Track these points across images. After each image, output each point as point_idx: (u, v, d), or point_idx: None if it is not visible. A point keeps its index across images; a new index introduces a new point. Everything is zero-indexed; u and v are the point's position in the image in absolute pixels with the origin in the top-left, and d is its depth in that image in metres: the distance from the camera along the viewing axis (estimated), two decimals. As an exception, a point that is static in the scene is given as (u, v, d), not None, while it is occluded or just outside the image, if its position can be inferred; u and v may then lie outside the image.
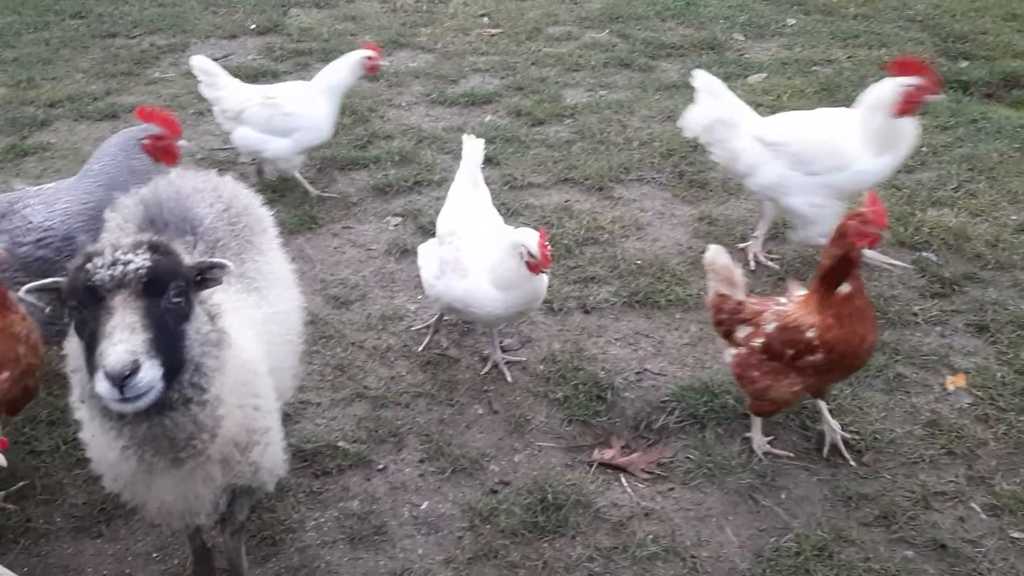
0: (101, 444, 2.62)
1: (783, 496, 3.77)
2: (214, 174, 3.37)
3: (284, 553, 3.55)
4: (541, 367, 4.56)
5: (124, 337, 2.24)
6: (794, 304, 3.74)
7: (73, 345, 2.49)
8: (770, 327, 3.71)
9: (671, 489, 3.84)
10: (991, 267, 5.15)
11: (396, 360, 4.66)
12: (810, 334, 3.59)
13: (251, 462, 2.84)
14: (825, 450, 3.95)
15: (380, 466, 4.00)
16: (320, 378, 4.54)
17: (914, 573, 3.39)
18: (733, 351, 3.86)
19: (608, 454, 4.03)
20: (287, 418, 4.21)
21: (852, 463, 3.89)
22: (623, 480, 3.90)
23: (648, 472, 3.94)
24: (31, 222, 4.02)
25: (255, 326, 2.85)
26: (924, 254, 5.31)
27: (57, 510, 3.73)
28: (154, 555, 3.53)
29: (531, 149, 6.65)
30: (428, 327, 4.76)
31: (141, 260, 2.33)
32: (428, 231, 5.64)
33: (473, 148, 4.60)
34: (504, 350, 4.66)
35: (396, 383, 4.49)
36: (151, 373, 2.27)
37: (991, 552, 3.47)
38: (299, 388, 4.41)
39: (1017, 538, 3.53)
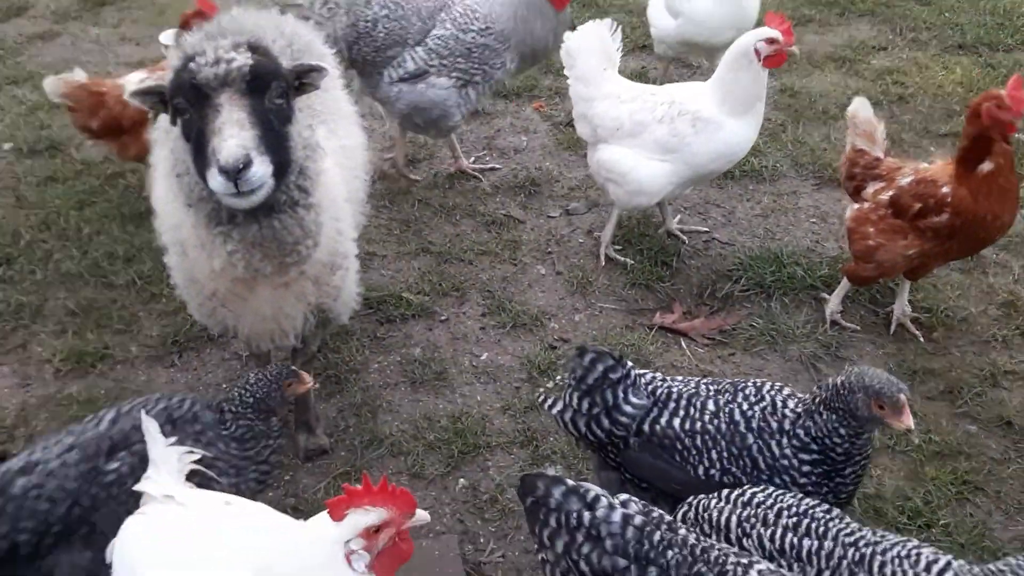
0: (203, 256, 2.62)
1: (846, 367, 3.71)
2: (275, 12, 3.31)
3: (348, 391, 3.65)
4: (607, 231, 4.51)
5: (234, 132, 2.27)
6: (936, 166, 3.62)
7: (179, 148, 2.49)
8: (905, 180, 3.60)
9: (731, 354, 3.82)
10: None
11: (461, 219, 4.66)
12: (944, 190, 3.46)
13: (334, 285, 2.91)
14: (892, 327, 3.88)
15: (442, 317, 4.04)
16: (387, 232, 4.57)
17: (976, 447, 3.35)
18: (855, 206, 3.76)
19: (669, 319, 4.01)
20: (353, 267, 4.28)
21: (920, 339, 3.82)
22: (683, 344, 3.88)
23: (709, 338, 3.91)
24: (478, 12, 4.41)
25: (331, 155, 2.86)
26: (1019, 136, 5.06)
27: (132, 340, 3.87)
28: (223, 385, 3.66)
29: (609, 14, 6.42)
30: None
31: (243, 58, 2.32)
32: (500, 94, 5.56)
33: (599, 32, 4.08)
34: (569, 213, 4.63)
35: (460, 240, 4.50)
36: (262, 168, 2.30)
37: (1058, 432, 3.41)
38: (365, 240, 4.47)
39: (1087, 421, 3.46)
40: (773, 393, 2.60)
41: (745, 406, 2.56)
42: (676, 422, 2.57)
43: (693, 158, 3.92)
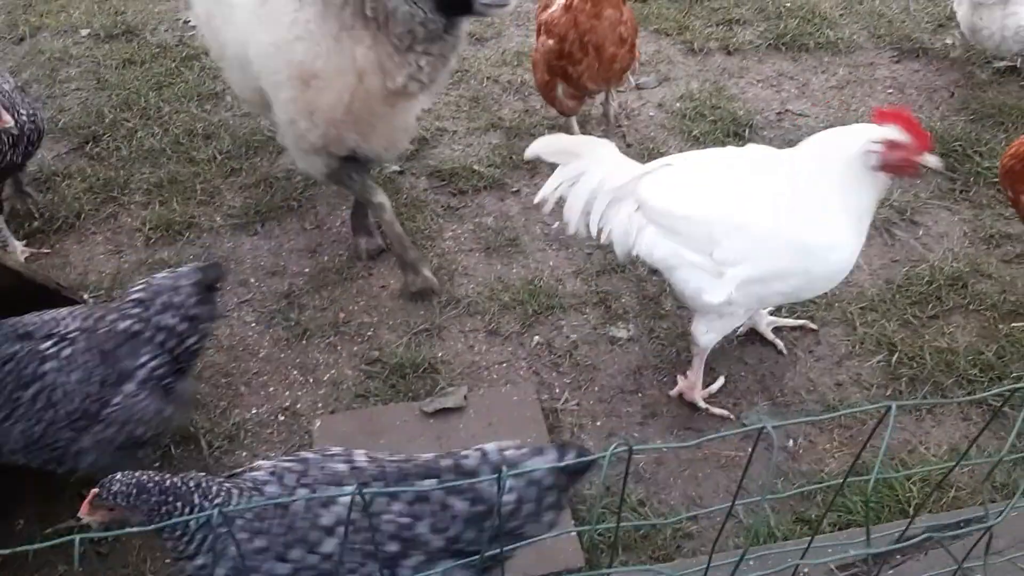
0: (371, 79, 2.91)
1: (920, 232, 3.71)
2: None
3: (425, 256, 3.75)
4: (678, 104, 4.49)
5: None
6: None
7: None
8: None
9: (804, 220, 3.81)
10: None
11: (530, 95, 4.67)
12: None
13: None
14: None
15: (514, 189, 4.10)
16: (456, 108, 4.60)
17: (1052, 307, 3.34)
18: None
19: (741, 188, 4.01)
20: (424, 143, 4.35)
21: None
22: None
23: (781, 206, 3.91)
24: None
25: None
26: None
27: (217, 211, 4.01)
28: (304, 252, 3.79)
29: None
30: None
31: None
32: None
33: None
34: (639, 87, 4.60)
35: (530, 116, 4.52)
36: None
37: None
38: (435, 116, 4.52)
39: None
40: None
41: None
42: None
43: None
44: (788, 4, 5.06)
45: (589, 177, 2.85)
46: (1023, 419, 1.15)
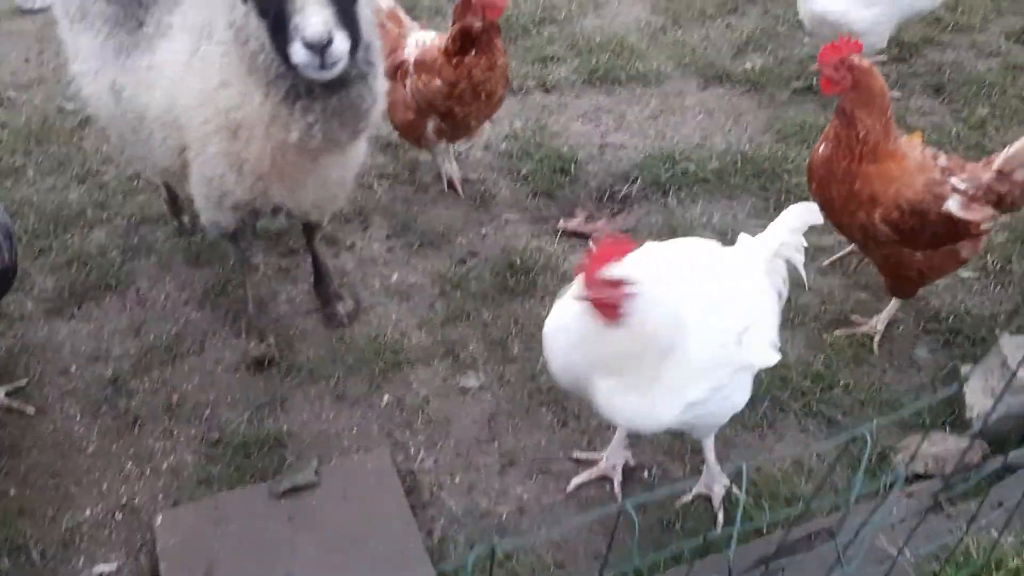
0: (275, 131, 2.68)
1: (744, 252, 3.87)
2: None
3: (262, 325, 3.61)
4: (504, 145, 4.54)
5: (317, 10, 2.41)
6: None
7: (251, 26, 2.57)
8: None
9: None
10: (950, 30, 5.15)
11: (356, 145, 4.60)
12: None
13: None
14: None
15: (348, 243, 4.02)
16: (280, 165, 4.47)
17: (868, 311, 3.54)
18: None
19: (573, 223, 4.09)
20: (250, 203, 4.19)
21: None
22: (589, 246, 3.97)
23: (612, 238, 4.01)
24: None
25: None
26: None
27: (27, 296, 3.72)
28: (128, 332, 3.57)
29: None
30: None
31: None
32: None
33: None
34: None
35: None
36: (342, 44, 2.45)
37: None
38: (259, 175, 4.37)
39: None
40: None
41: None
42: None
43: None
44: (598, 39, 5.23)
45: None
46: (850, 430, 1.19)
